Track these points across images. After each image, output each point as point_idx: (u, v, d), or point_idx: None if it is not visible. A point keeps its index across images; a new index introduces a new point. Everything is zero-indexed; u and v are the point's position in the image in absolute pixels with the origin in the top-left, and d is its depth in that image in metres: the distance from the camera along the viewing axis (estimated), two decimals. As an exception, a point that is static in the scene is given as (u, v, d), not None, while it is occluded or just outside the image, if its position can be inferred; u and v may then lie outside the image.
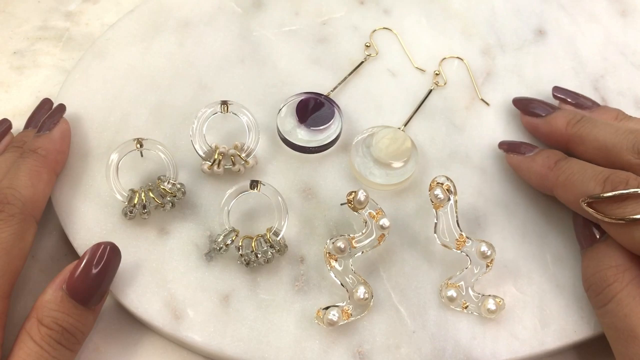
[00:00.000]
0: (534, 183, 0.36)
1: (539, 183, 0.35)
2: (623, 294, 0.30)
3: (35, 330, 0.29)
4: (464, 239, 0.33)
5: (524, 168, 0.36)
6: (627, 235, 0.30)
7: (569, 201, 0.33)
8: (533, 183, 0.36)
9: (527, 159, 0.36)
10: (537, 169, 0.35)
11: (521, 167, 0.36)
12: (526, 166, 0.36)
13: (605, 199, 0.31)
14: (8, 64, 0.43)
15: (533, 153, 0.36)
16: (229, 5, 0.44)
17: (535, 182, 0.36)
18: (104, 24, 0.44)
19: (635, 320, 0.29)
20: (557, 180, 0.34)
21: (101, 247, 0.31)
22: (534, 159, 0.36)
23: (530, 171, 0.36)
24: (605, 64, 0.42)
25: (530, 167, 0.36)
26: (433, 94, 0.41)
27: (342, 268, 0.33)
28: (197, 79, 0.40)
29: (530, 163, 0.36)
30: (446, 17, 0.44)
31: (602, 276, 0.31)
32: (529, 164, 0.36)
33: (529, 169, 0.36)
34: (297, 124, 0.38)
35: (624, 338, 0.29)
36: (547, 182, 0.34)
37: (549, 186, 0.34)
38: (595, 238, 0.33)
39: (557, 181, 0.34)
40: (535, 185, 0.36)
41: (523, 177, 0.37)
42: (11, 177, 0.33)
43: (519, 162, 0.36)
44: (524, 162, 0.36)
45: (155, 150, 0.36)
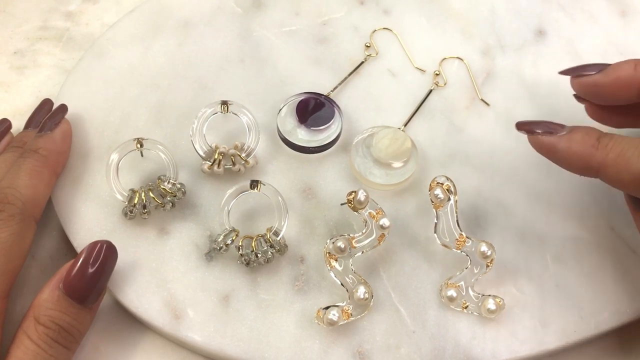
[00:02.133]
0: (575, 165, 0.31)
1: (582, 165, 0.31)
2: None
3: (32, 329, 0.29)
4: (464, 239, 0.33)
5: (561, 150, 0.31)
6: None
7: (623, 181, 0.29)
8: (573, 165, 0.31)
9: (562, 139, 0.31)
10: (577, 148, 0.30)
11: (557, 149, 0.31)
12: (564, 147, 0.31)
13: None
14: (8, 64, 0.43)
15: (566, 132, 0.31)
16: (229, 5, 0.44)
17: (577, 165, 0.31)
18: (104, 24, 0.44)
19: None
20: (606, 159, 0.29)
21: (97, 246, 0.31)
22: (571, 138, 0.31)
23: (570, 153, 0.31)
24: (605, 64, 0.42)
25: (568, 147, 0.31)
26: (433, 94, 0.41)
27: (342, 268, 0.33)
28: (197, 79, 0.40)
29: (568, 142, 0.31)
30: (446, 17, 0.44)
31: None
32: (567, 144, 0.31)
33: (567, 151, 0.31)
34: (297, 124, 0.38)
35: None
36: (592, 162, 0.30)
37: (596, 167, 0.30)
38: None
39: (607, 160, 0.29)
40: (577, 169, 0.31)
41: (559, 160, 0.31)
42: (12, 177, 0.33)
43: (554, 143, 0.31)
44: (560, 142, 0.31)
45: (155, 150, 0.36)
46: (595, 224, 0.36)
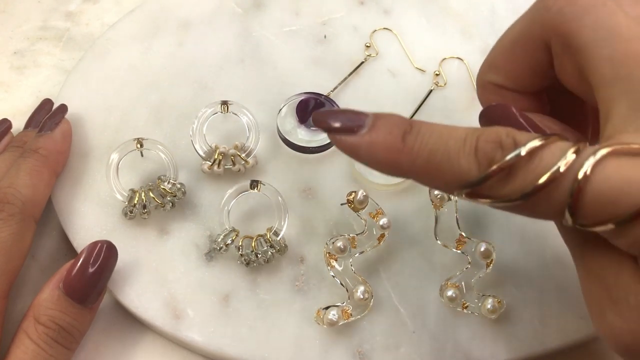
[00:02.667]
0: (385, 172, 0.25)
1: (392, 173, 0.24)
2: None
3: (32, 329, 0.29)
4: (464, 239, 0.33)
5: (363, 155, 0.24)
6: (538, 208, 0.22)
7: (441, 190, 0.26)
8: (383, 172, 0.25)
9: (363, 139, 0.24)
10: (382, 155, 0.23)
11: (359, 155, 0.24)
12: (366, 152, 0.24)
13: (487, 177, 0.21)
14: (8, 64, 0.43)
15: (366, 128, 0.24)
16: (229, 5, 0.44)
17: (387, 172, 0.24)
18: (104, 24, 0.44)
19: None
20: (414, 166, 0.23)
21: (97, 246, 0.31)
22: (372, 140, 0.24)
23: (374, 159, 0.24)
24: (605, 64, 0.42)
25: (371, 153, 0.24)
26: (433, 94, 0.41)
27: (342, 268, 0.33)
28: (197, 79, 0.40)
29: (370, 147, 0.24)
30: (446, 17, 0.44)
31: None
32: (369, 149, 0.24)
33: (371, 156, 0.24)
34: (297, 124, 0.38)
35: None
36: (401, 170, 0.24)
37: (405, 174, 0.24)
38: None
39: (415, 167, 0.23)
40: (389, 174, 0.25)
41: (365, 165, 0.25)
42: (11, 176, 0.33)
43: (355, 146, 0.24)
44: (362, 145, 0.24)
45: (155, 150, 0.36)
46: (595, 224, 0.36)
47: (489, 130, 0.22)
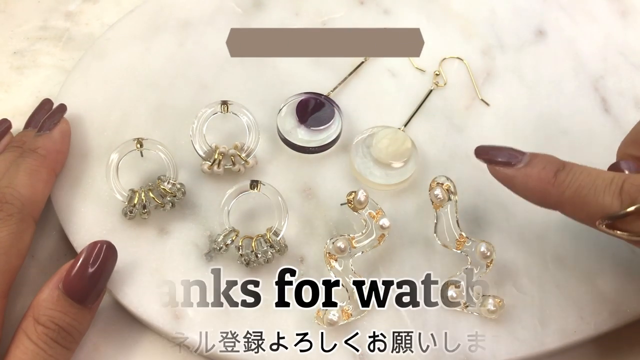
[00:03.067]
0: (533, 201, 0.31)
1: (540, 201, 0.30)
2: None
3: (31, 329, 0.29)
4: (464, 239, 0.33)
5: (517, 184, 0.30)
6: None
7: (580, 219, 0.29)
8: (532, 201, 0.31)
9: (518, 172, 0.30)
10: (533, 184, 0.29)
11: (514, 184, 0.30)
12: (520, 182, 0.30)
13: (628, 214, 0.26)
14: (8, 64, 0.43)
15: (523, 163, 0.30)
16: (229, 5, 0.44)
17: (536, 201, 0.30)
18: (104, 24, 0.44)
19: None
20: (562, 197, 0.29)
21: (97, 246, 0.31)
22: (527, 172, 0.30)
23: (527, 188, 0.30)
24: (605, 64, 0.42)
25: (525, 183, 0.30)
26: (433, 94, 0.41)
27: (342, 268, 0.33)
28: (197, 79, 0.40)
29: (525, 178, 0.30)
30: (446, 17, 0.44)
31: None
32: (524, 180, 0.30)
33: (525, 186, 0.30)
34: (297, 124, 0.38)
35: None
36: (549, 200, 0.29)
37: (553, 204, 0.30)
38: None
39: (563, 199, 0.29)
40: (536, 203, 0.31)
41: (519, 194, 0.31)
42: (10, 176, 0.33)
43: (510, 177, 0.30)
44: (517, 177, 0.30)
45: (155, 150, 0.36)
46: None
47: (635, 176, 0.27)
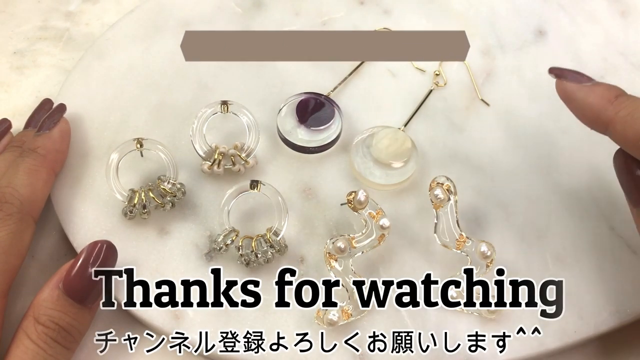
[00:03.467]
0: (587, 116, 0.32)
1: (593, 117, 0.32)
2: None
3: (32, 329, 0.29)
4: (464, 239, 0.33)
5: (579, 98, 0.32)
6: None
7: (627, 139, 0.30)
8: (586, 116, 0.32)
9: (583, 87, 0.32)
10: (594, 100, 0.32)
11: (576, 97, 0.32)
12: (582, 96, 0.32)
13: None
14: (8, 64, 0.43)
15: (591, 83, 0.33)
16: (229, 5, 0.44)
17: (589, 116, 0.32)
18: (104, 24, 0.44)
19: None
20: (616, 115, 0.30)
21: (97, 246, 0.31)
22: (591, 89, 0.32)
23: (585, 102, 0.32)
24: (605, 64, 0.42)
25: (586, 97, 0.32)
26: (433, 94, 0.41)
27: (342, 268, 0.33)
28: (197, 79, 0.40)
29: (588, 92, 0.32)
30: (446, 17, 0.44)
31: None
32: (586, 94, 0.32)
33: (585, 100, 0.32)
34: (297, 124, 0.38)
35: None
36: (603, 115, 0.31)
37: (605, 121, 0.31)
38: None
39: (617, 116, 0.30)
40: (588, 120, 0.32)
41: (574, 108, 0.33)
42: (10, 176, 0.33)
43: (574, 90, 0.32)
44: (581, 91, 0.32)
45: (155, 150, 0.36)
46: (595, 224, 0.36)
47: None
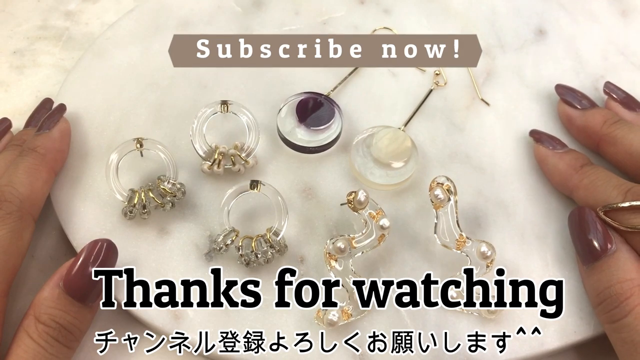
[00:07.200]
0: (556, 180, 0.36)
1: (561, 182, 0.36)
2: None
3: (32, 328, 0.29)
4: (464, 239, 0.33)
5: (550, 163, 0.36)
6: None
7: (588, 205, 0.33)
8: (555, 180, 0.36)
9: (555, 154, 0.36)
10: (562, 167, 0.35)
11: (547, 162, 0.36)
12: (552, 162, 0.36)
13: (623, 208, 0.31)
14: (8, 63, 0.43)
15: (562, 150, 0.36)
16: (229, 5, 0.43)
17: (557, 180, 0.36)
18: (104, 24, 0.44)
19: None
20: (580, 182, 0.34)
21: (98, 245, 0.31)
22: (561, 157, 0.36)
23: (555, 168, 0.36)
24: (606, 64, 0.42)
25: (556, 163, 0.36)
26: (433, 94, 0.41)
27: (342, 268, 0.33)
28: (197, 79, 0.40)
29: (557, 160, 0.36)
30: (446, 17, 0.44)
31: (618, 290, 0.30)
32: (556, 161, 0.36)
33: (555, 166, 0.36)
34: (297, 124, 0.38)
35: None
36: (569, 182, 0.35)
37: (570, 187, 0.35)
38: (604, 252, 0.31)
39: (581, 184, 0.34)
40: (556, 183, 0.36)
41: (546, 171, 0.37)
42: (9, 175, 0.33)
43: (547, 155, 0.36)
44: (552, 157, 0.36)
45: (155, 150, 0.36)
46: (595, 224, 0.36)
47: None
